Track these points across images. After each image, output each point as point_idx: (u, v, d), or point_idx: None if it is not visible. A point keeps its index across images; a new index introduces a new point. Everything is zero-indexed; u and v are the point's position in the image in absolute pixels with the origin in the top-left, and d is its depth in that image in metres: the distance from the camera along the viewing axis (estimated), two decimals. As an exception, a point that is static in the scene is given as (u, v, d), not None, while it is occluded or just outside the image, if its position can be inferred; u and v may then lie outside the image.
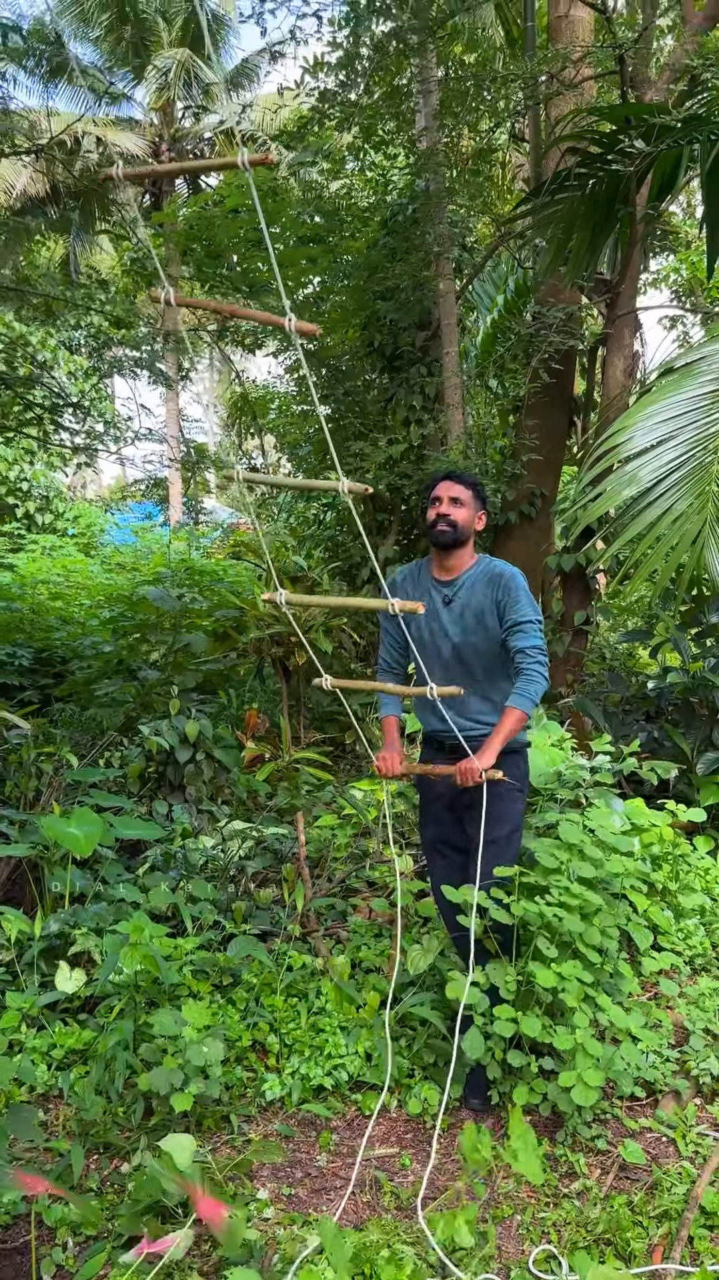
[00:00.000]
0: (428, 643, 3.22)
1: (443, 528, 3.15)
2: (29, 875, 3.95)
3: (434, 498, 3.20)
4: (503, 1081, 2.97)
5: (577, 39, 6.85)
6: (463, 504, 3.17)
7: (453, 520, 3.15)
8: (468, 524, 3.19)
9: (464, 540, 3.20)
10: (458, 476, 3.23)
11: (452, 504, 3.16)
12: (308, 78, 6.90)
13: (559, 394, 7.13)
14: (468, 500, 3.19)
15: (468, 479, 3.23)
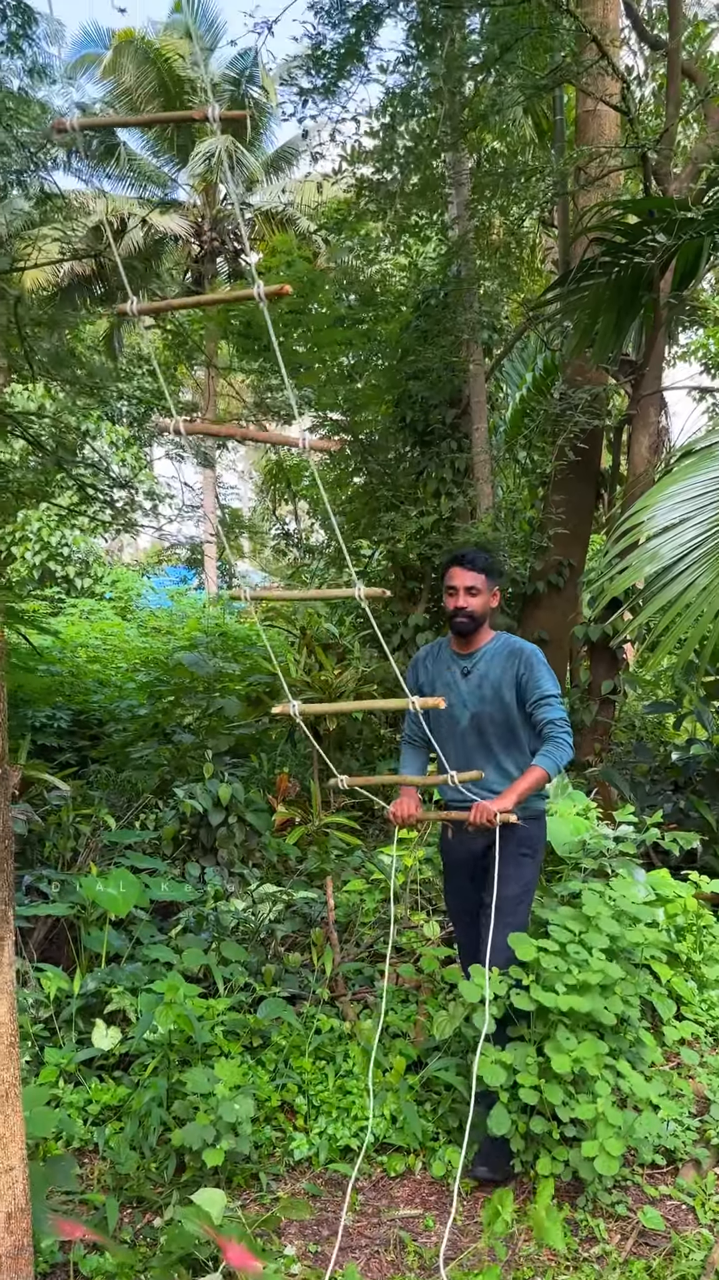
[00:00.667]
0: (445, 712, 3.29)
1: (462, 620, 3.30)
2: (67, 934, 4.08)
3: (449, 588, 3.33)
4: (526, 1150, 3.03)
5: (603, 134, 7.18)
6: (478, 591, 3.29)
7: (471, 612, 3.29)
8: (484, 609, 3.32)
9: (483, 623, 3.35)
10: (470, 561, 3.32)
11: (468, 595, 3.28)
12: (345, 165, 7.28)
13: (586, 469, 7.33)
14: (482, 586, 3.31)
15: (480, 562, 3.33)
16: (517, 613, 7.49)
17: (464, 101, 6.35)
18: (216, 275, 19.27)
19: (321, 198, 9.48)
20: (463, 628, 3.30)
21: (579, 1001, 2.90)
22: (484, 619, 3.34)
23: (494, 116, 6.33)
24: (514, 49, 5.91)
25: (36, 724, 7.34)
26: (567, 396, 7.12)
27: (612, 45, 6.64)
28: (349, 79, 6.62)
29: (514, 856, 3.20)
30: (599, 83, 6.62)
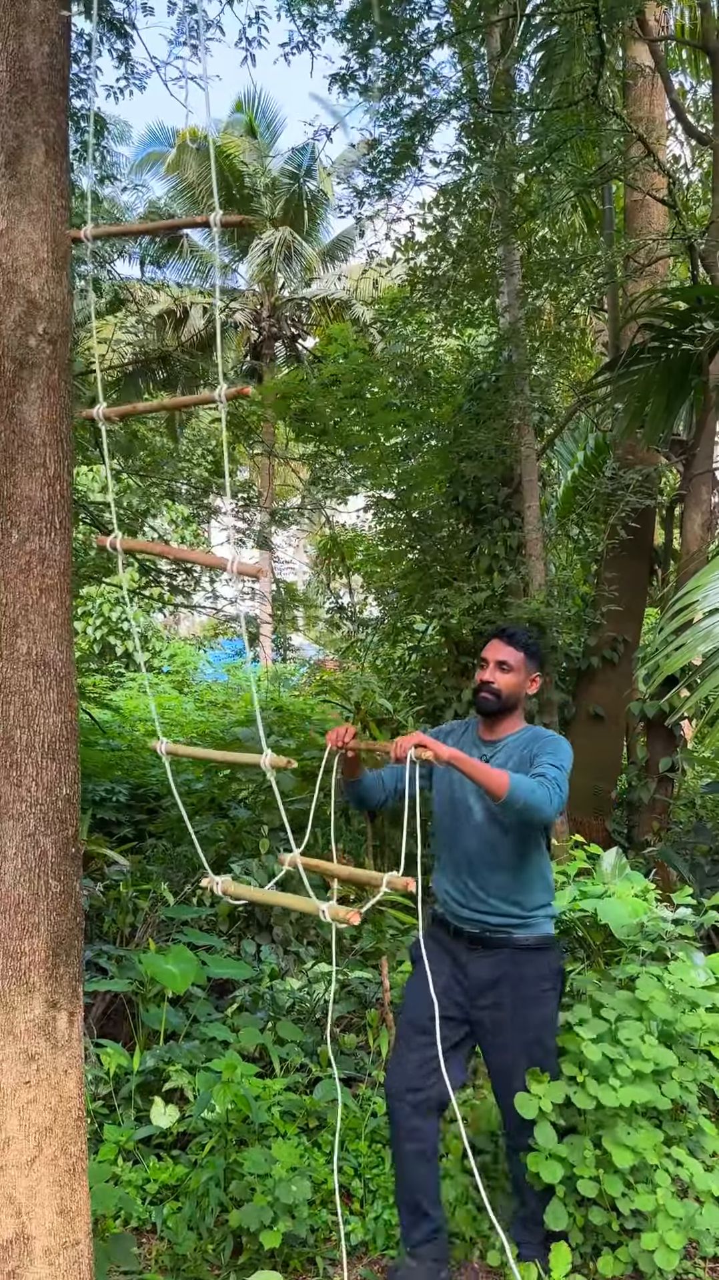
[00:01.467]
0: (459, 798, 2.96)
1: (485, 695, 2.96)
2: (126, 1010, 4.13)
3: (481, 660, 3.02)
4: (584, 1244, 2.98)
5: (651, 223, 7.40)
6: (511, 669, 2.96)
7: (497, 689, 2.94)
8: (515, 690, 2.97)
9: (510, 708, 2.99)
10: (510, 636, 3.01)
11: (498, 669, 2.95)
12: (399, 255, 7.58)
13: (639, 546, 7.39)
14: (518, 665, 2.97)
15: (521, 640, 3.01)
16: (571, 688, 7.51)
17: (515, 198, 6.60)
18: (274, 359, 19.86)
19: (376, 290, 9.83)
20: (485, 704, 2.94)
21: (638, 1093, 2.87)
22: (512, 703, 2.98)
23: (545, 212, 6.55)
24: (563, 148, 6.15)
25: (96, 798, 7.48)
26: (618, 476, 7.23)
27: (657, 141, 6.88)
28: (403, 179, 6.92)
29: (536, 994, 2.84)
30: (646, 177, 6.85)
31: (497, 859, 2.89)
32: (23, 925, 1.91)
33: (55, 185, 2.11)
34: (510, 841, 2.88)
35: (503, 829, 2.88)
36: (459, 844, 2.95)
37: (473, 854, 2.93)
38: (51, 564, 2.03)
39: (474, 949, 2.91)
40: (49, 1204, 1.92)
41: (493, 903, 2.89)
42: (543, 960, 2.89)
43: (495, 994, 2.86)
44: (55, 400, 2.06)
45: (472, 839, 2.93)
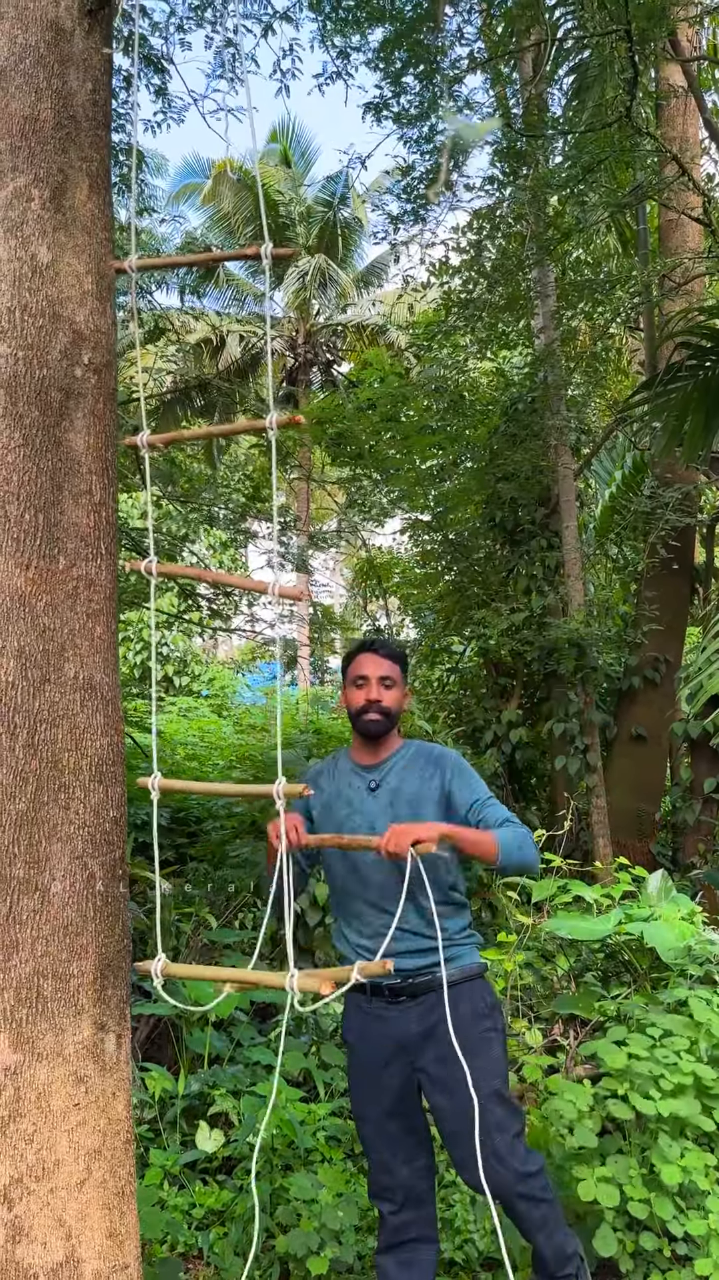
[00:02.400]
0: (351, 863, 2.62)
1: (373, 716, 2.66)
2: (170, 1034, 4.13)
3: (358, 678, 2.70)
4: (635, 1271, 2.93)
5: (686, 242, 7.40)
6: (393, 683, 2.69)
7: (385, 707, 2.66)
8: (399, 706, 2.72)
9: (395, 725, 2.72)
10: (383, 647, 2.74)
11: (381, 686, 2.67)
12: (433, 279, 7.64)
13: (679, 564, 7.34)
14: (398, 677, 2.71)
15: (394, 651, 2.76)
16: (612, 709, 7.46)
17: (549, 221, 6.63)
18: (310, 385, 20.03)
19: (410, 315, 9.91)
20: (374, 727, 2.65)
21: (678, 1106, 2.83)
22: (397, 719, 2.72)
23: (578, 233, 6.58)
24: (597, 169, 6.17)
25: (138, 822, 7.51)
26: (657, 494, 7.19)
27: (692, 161, 6.88)
28: (437, 204, 6.98)
29: (476, 1037, 2.50)
30: (681, 197, 6.85)
31: (404, 887, 2.46)
32: (71, 947, 1.93)
33: (99, 218, 2.15)
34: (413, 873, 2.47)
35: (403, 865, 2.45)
36: (360, 886, 2.62)
37: (376, 890, 2.59)
38: (98, 589, 2.06)
39: (398, 1002, 2.58)
40: (99, 1227, 1.92)
41: (411, 940, 2.55)
42: (475, 995, 2.59)
43: (435, 1047, 2.52)
44: (101, 429, 2.10)
45: (374, 877, 2.58)
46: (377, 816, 2.59)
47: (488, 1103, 2.41)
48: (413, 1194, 2.64)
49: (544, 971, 4.63)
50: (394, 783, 2.64)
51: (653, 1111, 2.83)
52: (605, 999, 3.91)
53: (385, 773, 2.67)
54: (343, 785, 2.70)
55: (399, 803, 2.61)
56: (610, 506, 8.73)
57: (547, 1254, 2.59)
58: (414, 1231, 2.64)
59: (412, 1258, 2.63)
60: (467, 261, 7.32)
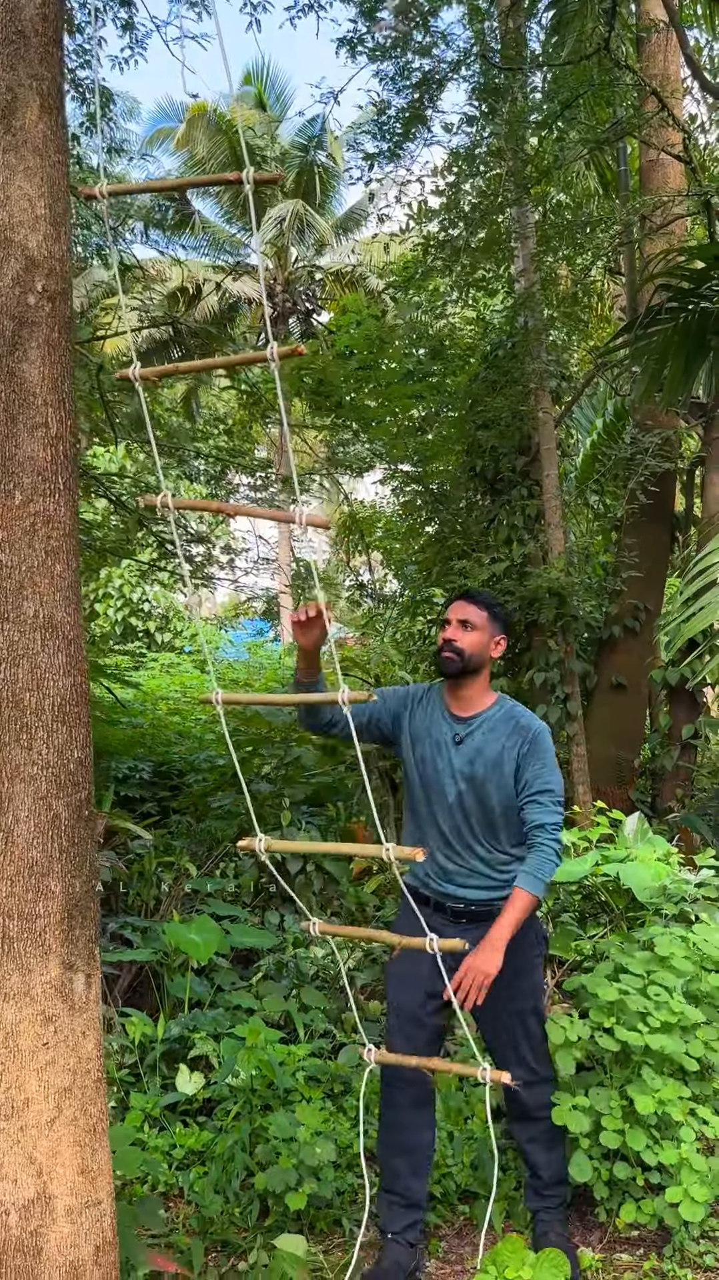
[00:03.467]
0: (432, 779, 2.83)
1: (448, 654, 2.78)
2: (151, 981, 4.15)
3: (443, 621, 2.88)
4: (609, 1199, 2.98)
5: (667, 182, 7.26)
6: (474, 627, 2.80)
7: (459, 647, 2.77)
8: (478, 650, 2.80)
9: (474, 669, 2.82)
10: (473, 596, 2.88)
11: (460, 627, 2.79)
12: (411, 223, 7.49)
13: (659, 512, 7.30)
14: (481, 624, 2.81)
15: (484, 599, 2.88)
16: (592, 658, 7.45)
17: (527, 158, 6.49)
18: (289, 336, 19.76)
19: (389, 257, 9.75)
20: (448, 665, 2.78)
21: (664, 1041, 2.86)
22: (476, 664, 2.81)
23: (558, 171, 6.44)
24: (576, 105, 6.04)
25: (119, 775, 7.51)
26: (637, 441, 7.13)
27: (673, 97, 6.74)
28: (413, 141, 6.83)
29: (528, 962, 2.81)
30: (661, 134, 6.72)
31: (474, 834, 2.79)
32: (37, 888, 1.91)
33: (51, 140, 2.07)
34: (485, 824, 2.80)
35: (470, 812, 2.79)
36: (435, 823, 2.82)
37: (449, 833, 2.81)
38: (56, 525, 2.01)
39: (458, 922, 2.79)
40: (70, 1164, 1.92)
41: (477, 878, 2.79)
42: (529, 926, 2.78)
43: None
44: (56, 359, 2.03)
45: (446, 820, 2.81)
46: (460, 766, 2.77)
47: (527, 1019, 2.79)
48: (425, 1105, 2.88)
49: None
50: (479, 741, 2.79)
51: (640, 1044, 2.87)
52: (582, 939, 3.94)
53: (473, 728, 2.81)
54: (434, 724, 2.84)
55: (479, 761, 2.76)
56: (591, 454, 8.66)
57: (546, 1173, 2.88)
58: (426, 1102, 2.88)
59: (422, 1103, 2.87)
60: (445, 204, 7.17)
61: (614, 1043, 2.94)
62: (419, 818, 2.86)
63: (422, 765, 2.82)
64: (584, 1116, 2.85)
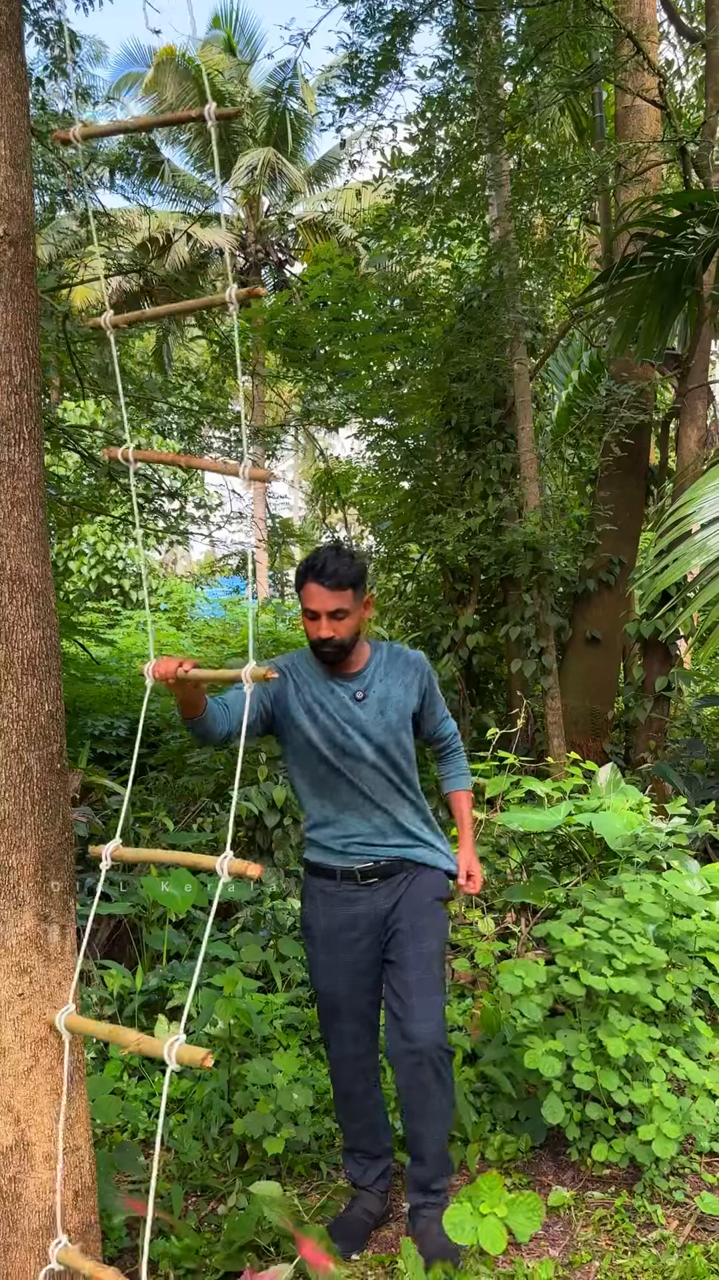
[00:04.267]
0: (344, 744, 2.65)
1: (328, 650, 2.63)
2: (129, 934, 4.18)
3: (308, 611, 2.63)
4: (581, 1139, 3.04)
5: (643, 129, 7.16)
6: (345, 613, 2.61)
7: (339, 641, 2.61)
8: (355, 630, 2.65)
9: (353, 647, 2.68)
10: (330, 576, 2.57)
11: (332, 621, 2.60)
12: (385, 172, 7.35)
13: (634, 465, 7.30)
14: (350, 605, 2.61)
15: (344, 575, 2.59)
16: (567, 612, 7.49)
17: (501, 103, 6.38)
18: (262, 287, 19.47)
19: (361, 205, 9.60)
20: (332, 658, 2.64)
21: (628, 984, 2.92)
22: (354, 642, 2.67)
23: (532, 116, 6.33)
24: (550, 48, 5.93)
25: (95, 732, 7.50)
26: (613, 393, 7.10)
27: (649, 40, 6.63)
28: (385, 86, 6.69)
29: (429, 907, 2.71)
30: (637, 78, 6.62)
31: (395, 786, 2.71)
32: (9, 840, 1.91)
33: (10, 78, 2.01)
34: (401, 774, 2.71)
35: (393, 763, 2.69)
36: (354, 789, 2.68)
37: (371, 793, 2.68)
38: (22, 475, 1.98)
39: (369, 884, 2.69)
40: (48, 1112, 1.94)
41: (396, 834, 2.72)
42: (436, 875, 2.75)
43: (405, 907, 2.69)
44: (19, 306, 1.99)
45: (368, 781, 2.67)
46: (368, 725, 2.64)
47: (430, 962, 2.64)
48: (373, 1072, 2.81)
49: (498, 865, 4.72)
50: (380, 690, 2.69)
51: (604, 988, 2.91)
52: (556, 887, 3.99)
53: (368, 681, 2.69)
54: (323, 693, 2.67)
55: (389, 709, 2.67)
56: (567, 407, 8.63)
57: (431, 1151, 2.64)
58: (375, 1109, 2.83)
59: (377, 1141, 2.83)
60: (418, 153, 7.05)
61: (579, 987, 3.00)
62: (328, 790, 2.70)
63: (329, 736, 2.65)
64: (556, 1060, 2.91)
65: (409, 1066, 2.59)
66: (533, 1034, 3.02)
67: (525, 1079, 3.19)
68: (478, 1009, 3.67)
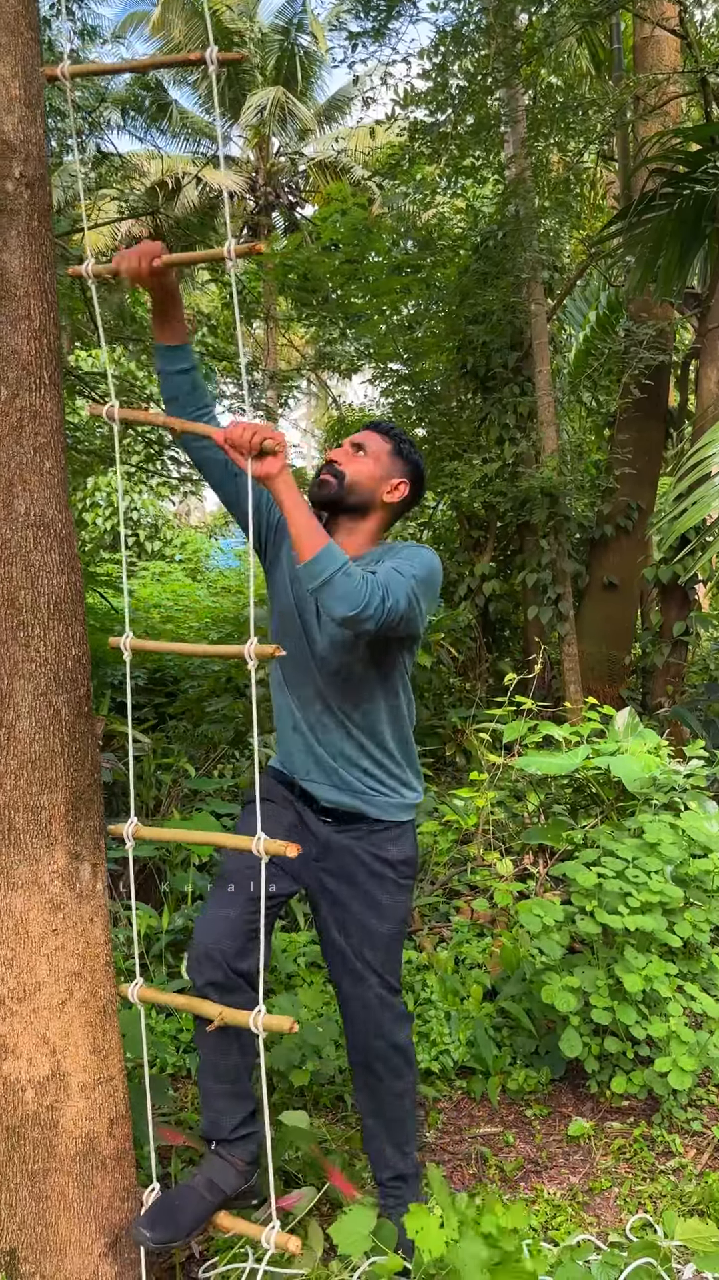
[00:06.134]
0: (298, 610, 2.26)
1: (325, 476, 2.25)
2: (155, 877, 4.25)
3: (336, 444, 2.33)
4: (601, 1071, 3.11)
5: (662, 60, 6.98)
6: (366, 453, 2.27)
7: (340, 470, 2.25)
8: (364, 481, 2.25)
9: (354, 506, 2.27)
10: (379, 425, 2.33)
11: (352, 451, 2.28)
12: (398, 110, 7.20)
13: (653, 408, 7.21)
14: (378, 453, 2.27)
15: (393, 431, 2.31)
16: (584, 558, 7.46)
17: (517, 35, 6.22)
18: (273, 229, 19.17)
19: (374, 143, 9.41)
20: (320, 489, 2.24)
21: (644, 921, 2.96)
22: (357, 502, 2.25)
23: (548, 49, 6.17)
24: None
25: (115, 682, 7.57)
26: (631, 333, 7.00)
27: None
28: (398, 19, 6.54)
29: (390, 883, 2.30)
30: (656, 7, 6.43)
31: (335, 712, 2.24)
32: (40, 781, 1.94)
33: (23, 15, 1.98)
34: (351, 692, 2.23)
35: (344, 676, 2.22)
36: (298, 687, 2.27)
37: (316, 704, 2.26)
38: (44, 421, 1.98)
39: (323, 818, 2.30)
40: (83, 1043, 2.00)
41: (344, 775, 2.26)
42: (404, 839, 2.32)
43: (342, 860, 2.28)
44: (37, 249, 1.98)
45: (312, 681, 2.25)
46: (325, 629, 2.22)
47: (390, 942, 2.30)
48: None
49: (515, 809, 4.76)
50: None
51: (620, 926, 2.96)
52: (574, 828, 4.04)
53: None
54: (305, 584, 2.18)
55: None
56: (584, 349, 8.51)
57: (400, 1138, 2.37)
58: None
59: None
60: (433, 88, 6.88)
61: (594, 925, 3.05)
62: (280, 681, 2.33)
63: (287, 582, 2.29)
64: (572, 996, 2.97)
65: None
66: (551, 971, 3.08)
67: (544, 1014, 3.25)
68: (497, 947, 3.73)
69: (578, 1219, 2.52)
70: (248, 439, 1.94)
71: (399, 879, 2.32)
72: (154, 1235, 1.97)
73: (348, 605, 1.99)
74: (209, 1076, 2.19)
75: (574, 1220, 2.50)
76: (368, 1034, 2.33)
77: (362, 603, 1.99)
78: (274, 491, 2.00)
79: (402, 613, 2.07)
